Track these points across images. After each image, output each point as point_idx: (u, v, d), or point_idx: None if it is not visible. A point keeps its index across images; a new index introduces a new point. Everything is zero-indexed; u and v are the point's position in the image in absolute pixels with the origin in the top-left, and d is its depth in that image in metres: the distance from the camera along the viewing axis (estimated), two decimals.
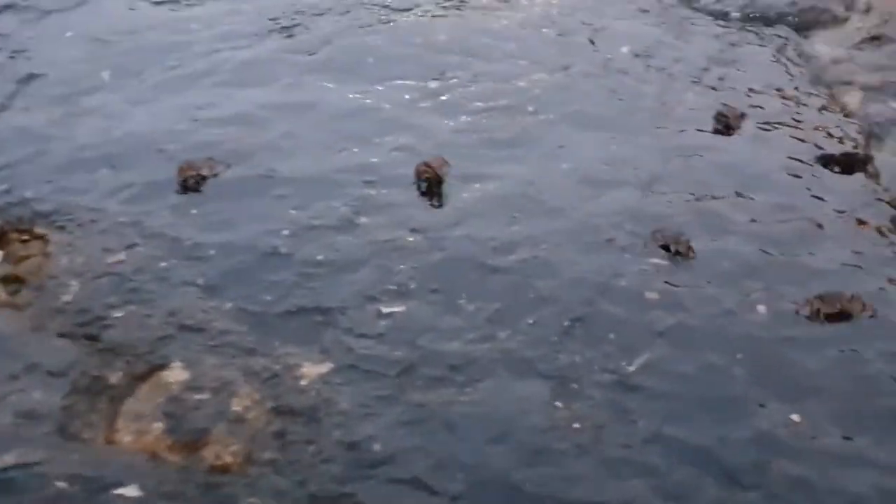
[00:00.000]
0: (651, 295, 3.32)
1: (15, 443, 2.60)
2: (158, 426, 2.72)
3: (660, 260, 3.48)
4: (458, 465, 2.64)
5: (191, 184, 3.69)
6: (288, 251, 3.42)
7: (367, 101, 4.36)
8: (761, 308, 3.30)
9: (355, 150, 3.99)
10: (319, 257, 3.39)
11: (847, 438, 2.84)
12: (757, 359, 3.09)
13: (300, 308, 3.18)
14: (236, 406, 2.78)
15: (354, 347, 3.03)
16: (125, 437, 2.71)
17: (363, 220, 3.59)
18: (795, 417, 2.89)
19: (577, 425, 2.80)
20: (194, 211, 3.62)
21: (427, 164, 3.78)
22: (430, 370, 2.96)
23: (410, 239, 3.51)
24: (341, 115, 4.24)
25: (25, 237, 3.44)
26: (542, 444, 2.73)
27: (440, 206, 3.70)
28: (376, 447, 2.69)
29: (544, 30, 5.17)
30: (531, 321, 3.17)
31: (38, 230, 3.49)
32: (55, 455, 2.58)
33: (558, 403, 2.87)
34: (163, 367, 2.91)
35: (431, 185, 3.75)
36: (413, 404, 2.84)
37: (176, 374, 2.87)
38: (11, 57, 4.64)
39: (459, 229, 3.57)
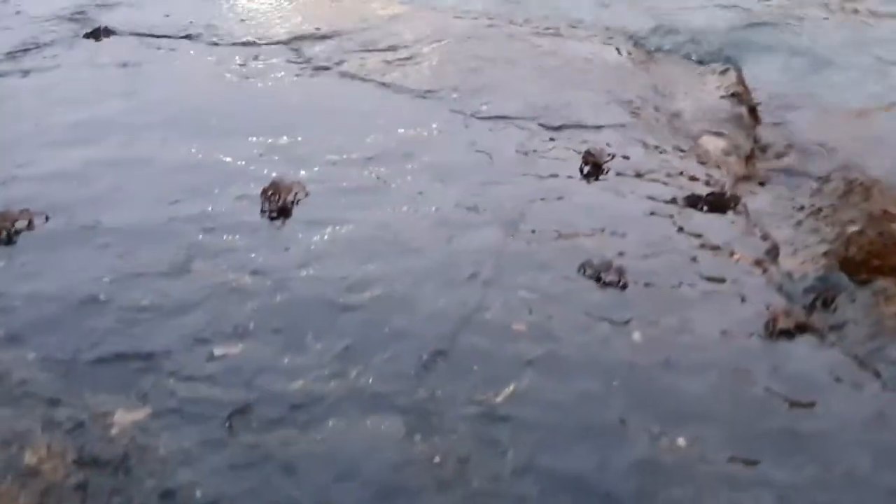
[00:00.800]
0: (519, 326, 3.06)
1: None
2: None
3: (527, 293, 3.22)
4: None
5: (2, 236, 3.28)
6: (107, 298, 3.04)
7: (209, 155, 4.06)
8: (636, 336, 3.06)
9: (192, 201, 3.68)
10: (144, 302, 3.02)
11: (737, 460, 2.58)
12: (635, 385, 2.85)
13: (116, 355, 2.79)
14: (30, 459, 2.33)
15: (178, 391, 2.65)
16: None
17: (197, 265, 3.26)
18: (681, 442, 2.62)
19: (437, 459, 2.47)
20: (2, 263, 3.19)
21: (274, 185, 3.54)
22: (267, 410, 2.59)
23: (250, 281, 3.18)
24: (178, 168, 3.94)
25: None
26: (396, 481, 2.39)
27: (286, 248, 3.38)
28: (198, 493, 2.29)
29: (401, 94, 5.01)
30: (385, 357, 2.86)
31: None
32: None
33: (416, 438, 2.54)
34: None
35: (279, 212, 3.54)
36: (245, 446, 2.46)
37: None
38: None
39: (306, 270, 3.27)
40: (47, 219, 3.44)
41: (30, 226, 3.39)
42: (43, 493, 2.27)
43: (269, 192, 3.57)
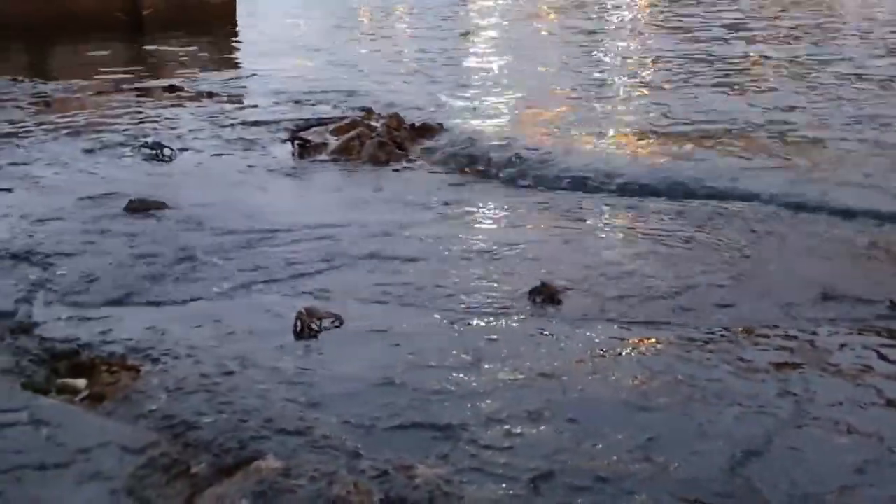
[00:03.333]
0: (841, 440, 2.90)
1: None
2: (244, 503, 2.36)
3: (845, 409, 3.07)
4: None
5: (306, 330, 3.57)
6: (401, 382, 3.21)
7: (479, 281, 4.22)
8: None
9: (472, 316, 3.81)
10: (436, 387, 3.16)
11: None
12: None
13: (414, 423, 2.92)
14: (338, 491, 2.42)
15: (479, 456, 2.72)
16: None
17: (485, 364, 3.36)
18: None
19: None
20: (302, 349, 3.49)
21: (544, 284, 3.93)
22: (571, 479, 2.60)
23: (539, 379, 3.24)
24: (454, 290, 4.11)
25: (115, 369, 3.29)
26: None
27: (566, 350, 3.45)
28: None
29: None
30: (693, 450, 2.82)
31: (131, 363, 3.33)
32: None
33: None
34: (253, 459, 2.60)
35: (546, 300, 3.87)
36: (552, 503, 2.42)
37: (269, 463, 2.56)
38: None
39: (592, 374, 3.29)
40: (342, 322, 3.68)
41: (328, 325, 3.64)
42: None
43: (538, 290, 3.89)
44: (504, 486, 2.54)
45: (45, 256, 4.43)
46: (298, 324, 3.63)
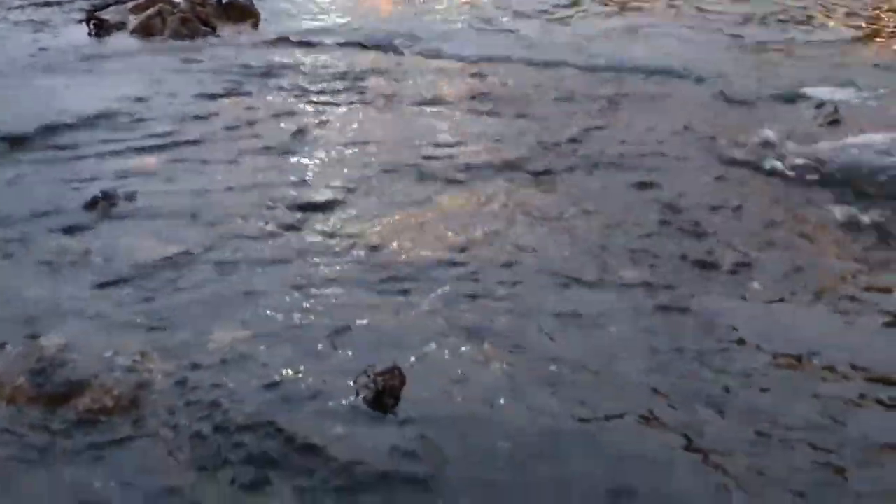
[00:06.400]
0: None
1: None
2: (20, 381, 2.24)
3: None
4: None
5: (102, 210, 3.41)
6: (199, 254, 3.07)
7: None
8: None
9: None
10: (238, 255, 3.06)
11: None
12: None
13: (213, 293, 2.81)
14: (122, 361, 2.33)
15: (280, 319, 2.65)
16: None
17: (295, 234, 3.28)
18: None
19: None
20: (93, 230, 3.29)
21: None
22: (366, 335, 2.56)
23: (336, 243, 3.18)
24: None
25: None
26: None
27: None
28: (303, 386, 2.25)
29: None
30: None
31: None
32: None
33: None
34: (34, 338, 2.47)
35: None
36: (347, 359, 2.42)
37: (50, 341, 2.44)
38: None
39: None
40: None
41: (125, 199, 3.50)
42: (137, 386, 2.27)
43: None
44: (303, 346, 2.50)
45: None
46: (99, 194, 3.47)
